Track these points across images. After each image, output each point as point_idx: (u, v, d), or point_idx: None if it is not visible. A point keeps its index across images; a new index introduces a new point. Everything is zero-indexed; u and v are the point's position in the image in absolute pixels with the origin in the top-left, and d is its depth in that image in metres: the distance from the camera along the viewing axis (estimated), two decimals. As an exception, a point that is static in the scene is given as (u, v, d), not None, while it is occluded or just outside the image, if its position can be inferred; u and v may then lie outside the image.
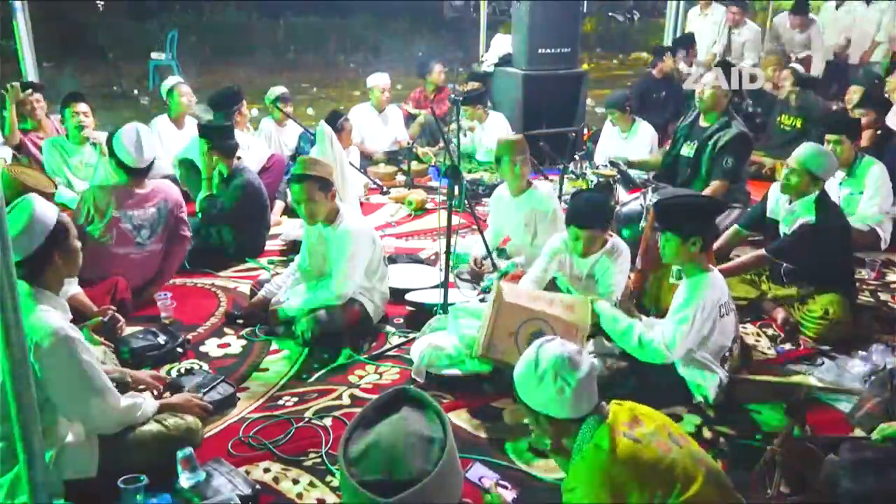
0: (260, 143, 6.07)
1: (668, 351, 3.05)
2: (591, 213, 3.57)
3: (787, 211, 4.03)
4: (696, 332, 3.05)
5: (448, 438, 1.33)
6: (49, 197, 3.59)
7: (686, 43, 8.18)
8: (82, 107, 5.40)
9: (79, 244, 2.64)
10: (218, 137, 4.76)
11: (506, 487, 2.59)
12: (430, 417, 1.49)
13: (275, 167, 5.75)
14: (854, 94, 6.23)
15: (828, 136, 4.70)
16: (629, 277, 3.83)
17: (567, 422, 2.13)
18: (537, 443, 2.79)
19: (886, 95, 6.32)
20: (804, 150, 3.96)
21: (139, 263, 4.10)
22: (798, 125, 6.64)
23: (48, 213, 2.54)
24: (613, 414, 2.13)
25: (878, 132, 5.51)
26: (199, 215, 4.88)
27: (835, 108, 6.81)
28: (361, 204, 5.75)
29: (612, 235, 3.71)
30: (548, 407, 2.13)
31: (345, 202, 4.44)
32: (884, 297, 4.39)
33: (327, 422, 3.08)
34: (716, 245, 4.25)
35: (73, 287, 3.56)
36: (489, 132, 6.70)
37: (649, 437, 2.05)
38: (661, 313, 3.48)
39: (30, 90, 5.59)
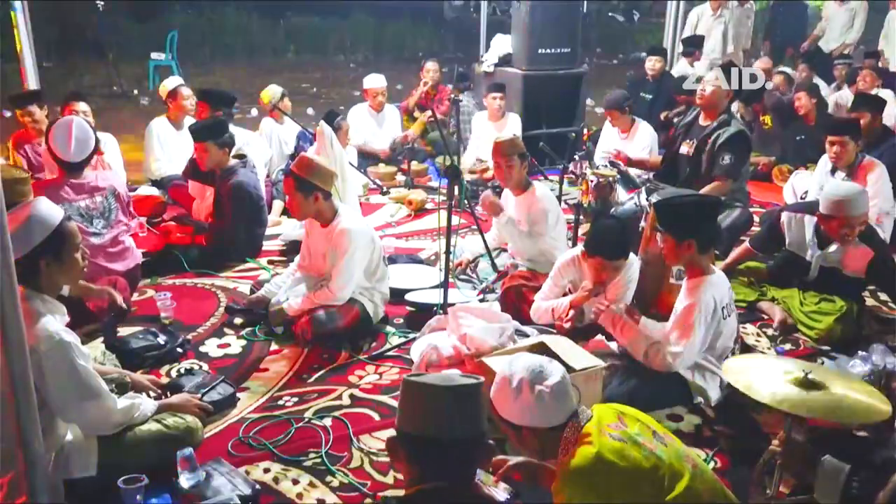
0: (259, 140, 6.08)
1: (673, 360, 3.02)
2: (618, 244, 3.48)
3: (829, 254, 3.86)
4: (701, 338, 3.03)
5: (481, 381, 1.72)
6: (22, 182, 3.54)
7: (695, 44, 8.19)
8: (82, 106, 5.39)
9: (79, 255, 2.58)
10: (214, 132, 4.75)
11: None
12: (463, 376, 1.76)
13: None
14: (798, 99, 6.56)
15: (830, 138, 4.68)
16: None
17: (550, 431, 2.11)
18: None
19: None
20: (850, 196, 3.67)
21: (109, 251, 4.01)
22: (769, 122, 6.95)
23: (49, 218, 2.51)
24: (598, 415, 2.12)
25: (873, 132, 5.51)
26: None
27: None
28: (361, 204, 5.75)
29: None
30: (530, 418, 2.11)
31: (345, 202, 4.44)
32: (884, 296, 4.39)
33: (327, 422, 3.08)
34: (728, 261, 4.25)
35: None
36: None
37: (634, 436, 2.05)
38: (661, 313, 3.48)
39: (26, 104, 5.45)
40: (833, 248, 3.84)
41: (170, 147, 5.96)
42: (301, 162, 3.77)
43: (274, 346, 3.74)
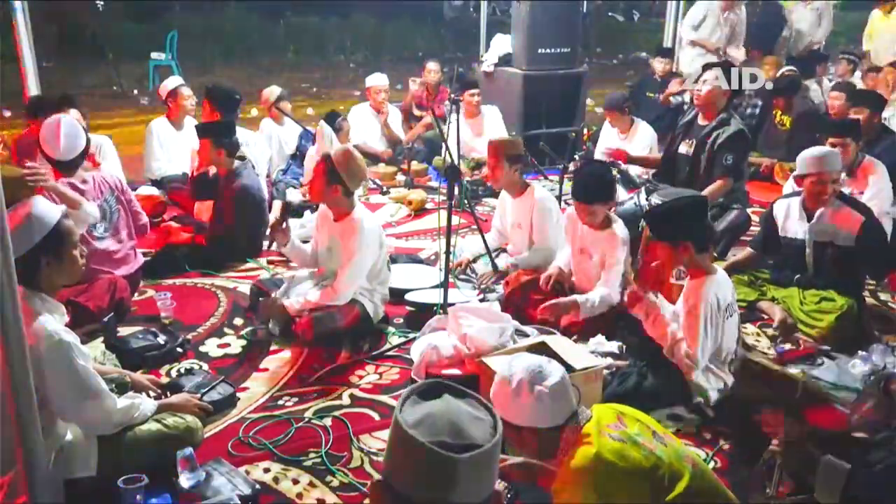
0: (259, 140, 6.08)
1: (691, 362, 3.01)
2: (591, 188, 3.72)
3: (818, 225, 3.91)
4: (710, 336, 3.01)
5: (497, 419, 1.38)
6: (25, 184, 3.54)
7: None
8: (74, 113, 5.32)
9: (77, 253, 2.59)
10: (216, 132, 4.75)
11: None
12: (470, 403, 1.54)
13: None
14: (836, 100, 6.31)
15: (831, 140, 4.67)
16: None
17: (550, 431, 2.11)
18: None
19: None
20: (820, 153, 3.94)
21: (115, 258, 4.01)
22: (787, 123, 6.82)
23: (47, 216, 2.51)
24: (598, 415, 2.12)
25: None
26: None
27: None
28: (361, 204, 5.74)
29: (616, 220, 3.81)
30: (529, 419, 2.11)
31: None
32: (884, 296, 4.39)
33: (327, 422, 3.08)
34: (729, 263, 4.25)
35: None
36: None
37: (634, 436, 2.05)
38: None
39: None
40: (818, 213, 3.88)
41: (170, 147, 5.95)
42: (342, 151, 3.76)
43: (274, 346, 3.73)
